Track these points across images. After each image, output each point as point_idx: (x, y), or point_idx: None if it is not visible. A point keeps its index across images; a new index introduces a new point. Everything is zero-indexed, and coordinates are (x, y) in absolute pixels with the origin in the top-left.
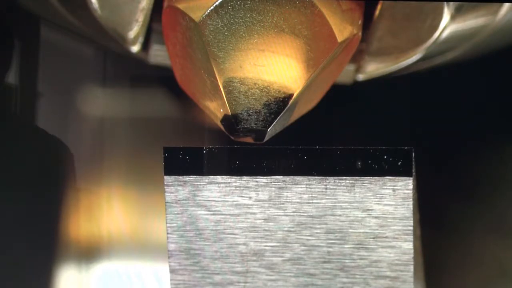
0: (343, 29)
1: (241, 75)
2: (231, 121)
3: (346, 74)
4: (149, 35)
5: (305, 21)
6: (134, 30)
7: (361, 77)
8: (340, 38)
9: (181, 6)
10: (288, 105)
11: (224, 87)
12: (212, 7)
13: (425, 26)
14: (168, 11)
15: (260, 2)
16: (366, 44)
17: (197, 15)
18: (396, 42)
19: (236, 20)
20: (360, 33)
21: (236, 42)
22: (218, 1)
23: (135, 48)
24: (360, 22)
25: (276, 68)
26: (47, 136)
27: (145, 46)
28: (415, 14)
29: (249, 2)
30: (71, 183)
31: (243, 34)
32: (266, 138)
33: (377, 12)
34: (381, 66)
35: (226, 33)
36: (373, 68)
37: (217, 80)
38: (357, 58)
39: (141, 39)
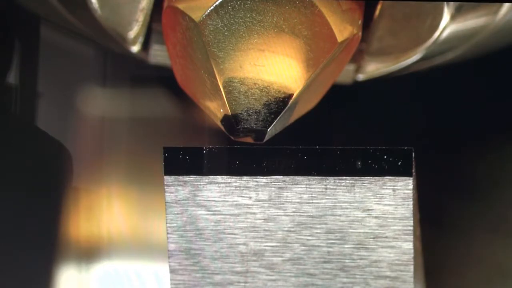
0: (343, 29)
1: (241, 75)
2: (231, 121)
3: (346, 74)
4: (149, 35)
5: (305, 21)
6: (134, 30)
7: (361, 77)
8: (340, 38)
9: (181, 6)
10: (288, 105)
11: (224, 87)
12: (212, 7)
13: (425, 26)
14: (168, 11)
15: (260, 2)
16: (366, 44)
17: (197, 15)
18: (396, 42)
19: (236, 20)
20: (360, 33)
21: (236, 42)
22: (218, 1)
23: (135, 48)
24: (360, 22)
25: (276, 68)
26: (47, 136)
27: (145, 46)
28: (415, 14)
29: (249, 2)
30: (71, 183)
31: (243, 34)
32: (266, 138)
33: (377, 12)
34: (381, 66)
35: (226, 33)
36: (373, 68)
37: (217, 80)
38: (357, 58)
39: (141, 39)
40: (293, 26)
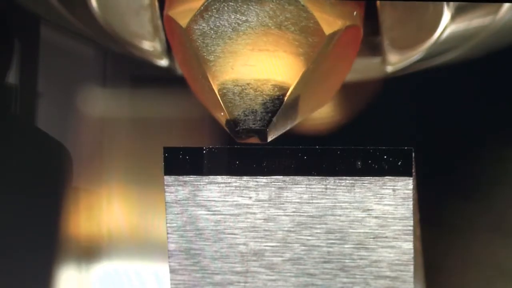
0: (332, 22)
1: (233, 76)
2: (231, 124)
3: (374, 67)
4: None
5: (290, 17)
6: (154, 43)
7: (389, 68)
8: (328, 30)
9: (170, 13)
10: (285, 102)
11: (218, 90)
12: (197, 12)
13: (429, 12)
14: (165, 19)
15: (243, 3)
16: (381, 37)
17: (184, 21)
18: (406, 30)
19: (221, 22)
20: (359, 25)
21: (224, 44)
22: (203, 6)
23: (163, 62)
24: (355, 13)
25: (267, 66)
26: (47, 136)
27: (170, 56)
28: (415, 11)
29: (232, 4)
30: (71, 183)
31: (230, 36)
32: (271, 137)
33: (377, 2)
34: (404, 58)
35: (213, 36)
36: (397, 59)
37: (211, 84)
38: (379, 51)
39: (164, 51)
40: (279, 23)
